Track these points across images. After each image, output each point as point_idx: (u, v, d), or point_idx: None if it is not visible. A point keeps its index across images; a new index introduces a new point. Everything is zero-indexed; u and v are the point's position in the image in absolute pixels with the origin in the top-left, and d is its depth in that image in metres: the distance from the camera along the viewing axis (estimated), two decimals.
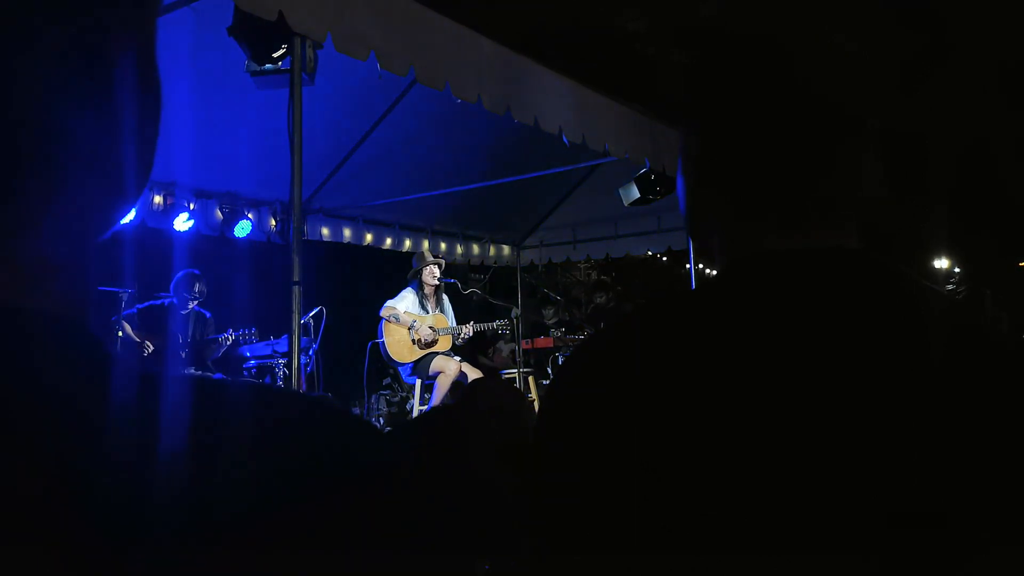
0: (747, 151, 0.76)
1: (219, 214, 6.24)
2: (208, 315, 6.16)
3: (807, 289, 0.70)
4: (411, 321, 6.38)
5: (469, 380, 5.72)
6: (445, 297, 6.75)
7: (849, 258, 0.73)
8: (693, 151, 0.81)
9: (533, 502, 0.69)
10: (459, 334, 6.61)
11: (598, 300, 9.42)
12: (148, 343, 5.73)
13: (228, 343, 6.01)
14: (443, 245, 8.26)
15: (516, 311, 6.79)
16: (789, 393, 0.64)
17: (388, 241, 7.64)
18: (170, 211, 5.83)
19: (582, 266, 15.33)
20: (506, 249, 9.18)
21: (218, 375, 5.37)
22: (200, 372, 5.60)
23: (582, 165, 6.71)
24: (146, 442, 0.32)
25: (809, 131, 0.74)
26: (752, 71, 0.77)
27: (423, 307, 6.54)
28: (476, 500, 0.40)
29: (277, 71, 3.48)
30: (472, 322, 6.70)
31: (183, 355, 5.88)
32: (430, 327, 6.43)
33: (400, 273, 6.94)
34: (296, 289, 3.33)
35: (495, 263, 9.16)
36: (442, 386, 6.18)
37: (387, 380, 7.98)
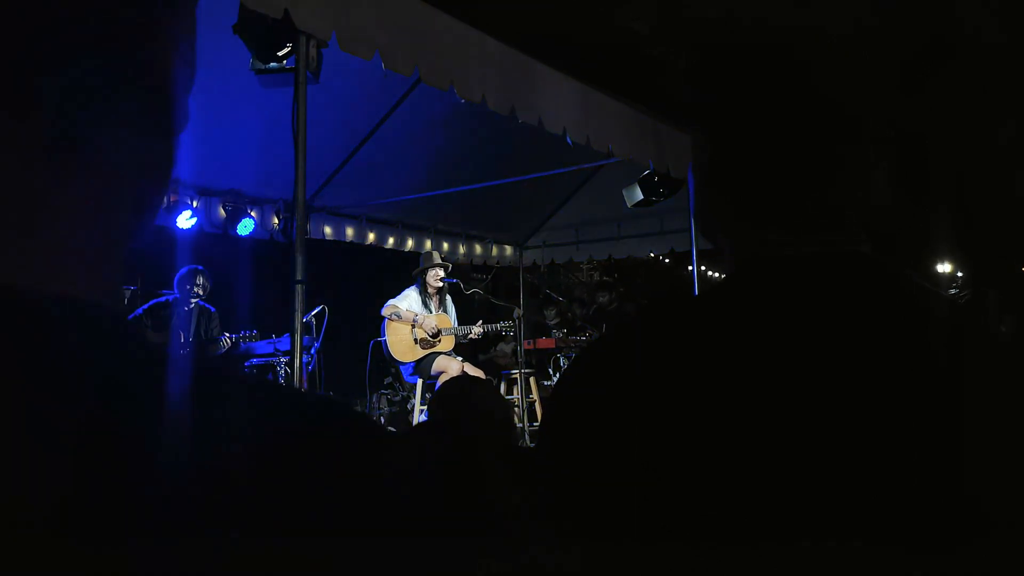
0: (752, 154, 0.76)
1: (222, 212, 6.25)
2: (213, 310, 6.17)
3: (811, 292, 0.70)
4: (414, 316, 6.37)
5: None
6: (448, 298, 6.76)
7: (852, 261, 0.73)
8: (701, 153, 0.81)
9: (534, 503, 0.69)
10: (466, 334, 6.62)
11: (600, 301, 9.42)
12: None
13: (228, 346, 6.02)
14: (446, 245, 8.26)
15: (518, 311, 6.80)
16: (790, 395, 0.64)
17: (391, 240, 7.65)
18: (173, 208, 5.84)
19: (584, 267, 15.35)
20: (508, 249, 9.19)
21: None
22: None
23: (586, 166, 6.71)
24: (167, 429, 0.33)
25: (814, 134, 0.74)
26: (757, 74, 0.77)
27: (426, 307, 6.55)
28: (478, 500, 0.40)
29: (282, 69, 3.48)
30: (481, 321, 6.71)
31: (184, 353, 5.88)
32: (433, 323, 6.44)
33: (403, 272, 6.95)
34: (299, 288, 3.33)
35: (497, 263, 9.16)
36: None
37: (388, 379, 7.98)
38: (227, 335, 6.03)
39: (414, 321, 6.36)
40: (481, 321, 6.75)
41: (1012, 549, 0.60)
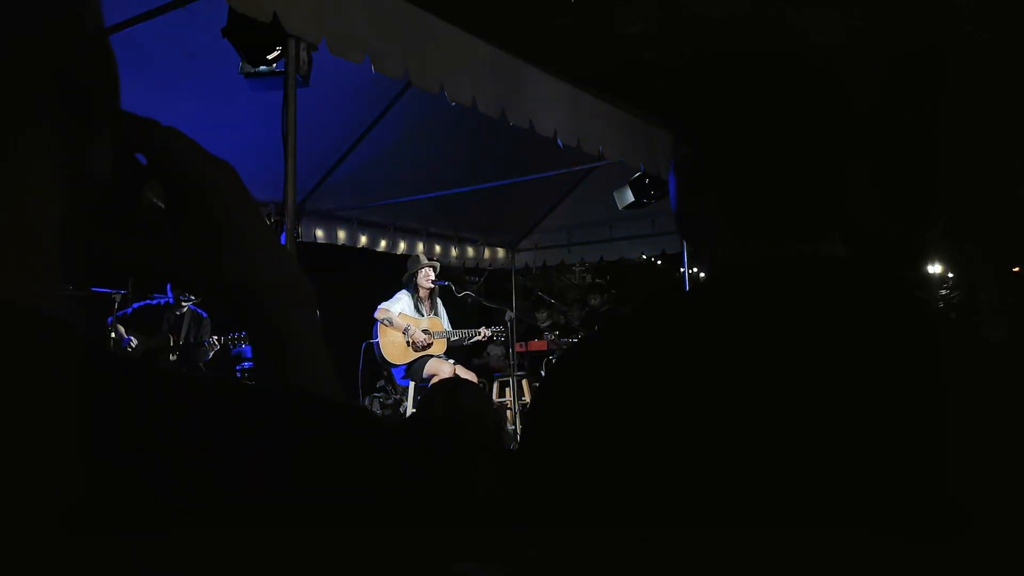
0: (742, 160, 0.77)
1: None
2: (204, 315, 6.14)
3: (803, 294, 0.71)
4: (405, 325, 6.38)
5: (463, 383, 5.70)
6: (439, 301, 6.76)
7: (843, 264, 0.74)
8: (686, 157, 0.82)
9: (519, 501, 0.69)
10: (462, 339, 6.63)
11: (592, 303, 9.43)
12: (134, 341, 5.71)
13: (216, 348, 6.00)
14: (438, 247, 8.26)
15: (510, 314, 6.80)
16: (779, 395, 0.64)
17: (383, 243, 7.64)
18: None
19: (577, 269, 15.37)
20: (501, 252, 9.19)
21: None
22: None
23: (577, 168, 6.72)
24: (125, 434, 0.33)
25: (808, 141, 0.75)
26: (753, 79, 0.77)
27: (418, 310, 6.54)
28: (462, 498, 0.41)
29: (271, 73, 3.48)
30: (483, 327, 6.74)
31: (173, 357, 5.87)
32: (424, 331, 6.44)
33: (395, 275, 6.94)
34: None
35: (490, 266, 9.16)
36: None
37: (381, 382, 7.98)
38: (215, 338, 6.01)
39: (405, 330, 6.36)
40: (484, 326, 6.76)
41: (1002, 543, 0.60)
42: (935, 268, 13.63)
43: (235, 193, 0.54)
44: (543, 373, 7.87)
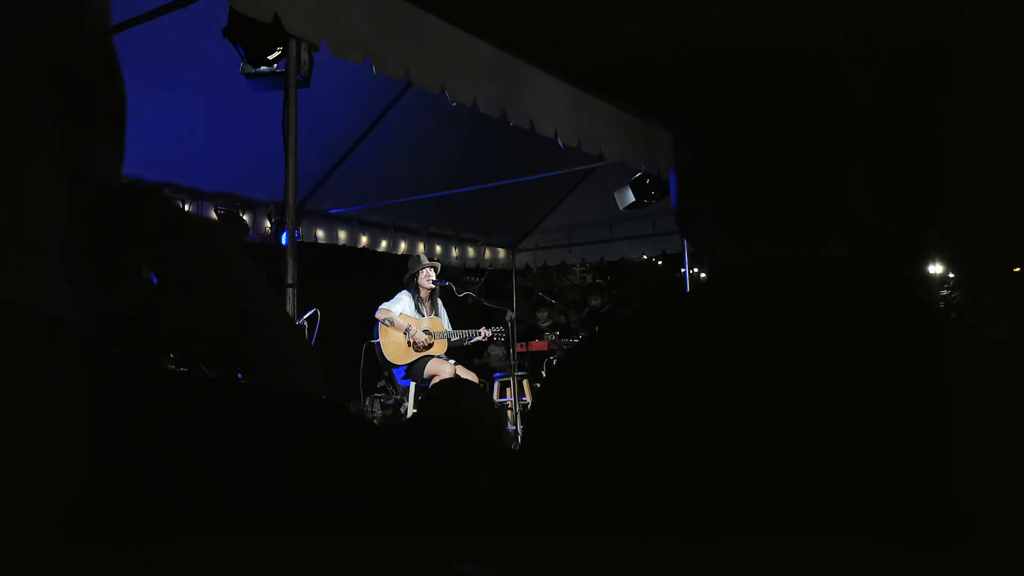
0: (742, 161, 0.77)
1: (214, 215, 6.23)
2: None
3: (802, 294, 0.71)
4: (406, 325, 6.38)
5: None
6: (440, 301, 6.77)
7: (841, 265, 0.74)
8: (687, 157, 0.82)
9: (519, 501, 0.69)
10: (462, 340, 6.64)
11: (592, 303, 9.42)
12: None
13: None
14: (438, 248, 8.26)
15: (511, 314, 6.81)
16: (778, 395, 0.64)
17: (383, 243, 7.64)
18: None
19: (577, 269, 15.37)
20: (501, 252, 9.19)
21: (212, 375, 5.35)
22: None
23: (578, 168, 6.72)
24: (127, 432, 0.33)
25: (805, 142, 0.75)
26: (748, 82, 0.77)
27: (419, 310, 6.55)
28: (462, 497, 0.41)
29: (272, 73, 3.48)
30: (485, 327, 6.75)
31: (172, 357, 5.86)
32: (425, 331, 6.44)
33: (395, 275, 6.94)
34: (290, 292, 3.33)
35: (490, 266, 9.16)
36: None
37: (382, 383, 7.97)
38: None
39: (406, 330, 6.36)
40: (484, 327, 6.77)
41: (1002, 543, 0.60)
42: (935, 268, 13.61)
43: (223, 230, 0.57)
44: (544, 373, 7.87)
